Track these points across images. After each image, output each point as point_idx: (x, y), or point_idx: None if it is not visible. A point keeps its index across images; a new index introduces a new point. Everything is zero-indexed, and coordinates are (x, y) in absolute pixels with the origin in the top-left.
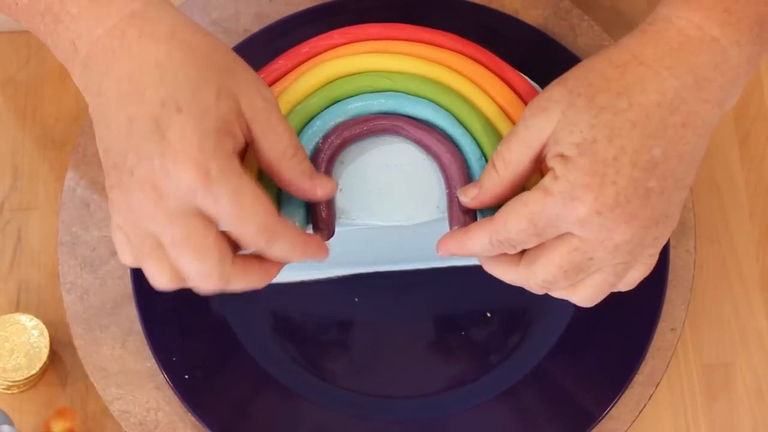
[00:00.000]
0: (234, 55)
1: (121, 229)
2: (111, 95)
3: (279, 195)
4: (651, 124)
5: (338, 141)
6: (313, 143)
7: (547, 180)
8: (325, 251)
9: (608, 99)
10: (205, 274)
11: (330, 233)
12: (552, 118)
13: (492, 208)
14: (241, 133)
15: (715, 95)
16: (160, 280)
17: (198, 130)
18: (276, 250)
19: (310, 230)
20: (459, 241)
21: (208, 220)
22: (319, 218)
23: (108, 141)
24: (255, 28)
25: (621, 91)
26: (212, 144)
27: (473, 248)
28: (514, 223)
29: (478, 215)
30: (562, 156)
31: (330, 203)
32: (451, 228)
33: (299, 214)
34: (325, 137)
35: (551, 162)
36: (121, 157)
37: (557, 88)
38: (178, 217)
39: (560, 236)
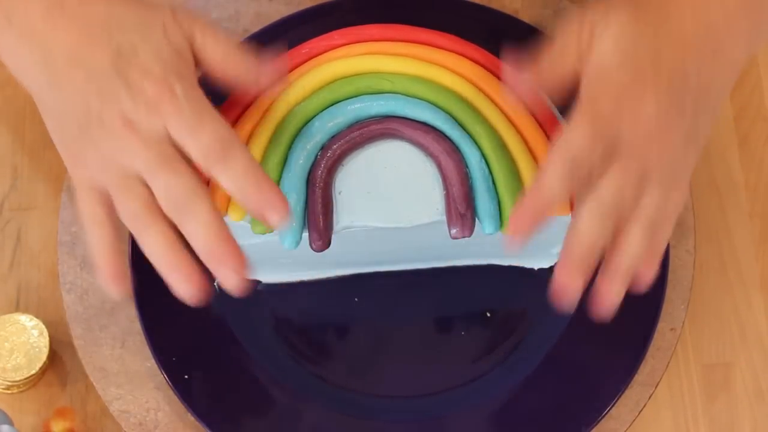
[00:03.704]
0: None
1: (88, 180)
2: (59, 60)
3: None
4: (686, 41)
5: (337, 152)
6: (311, 144)
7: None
8: (282, 204)
9: (646, 13)
10: (183, 187)
11: (326, 243)
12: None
13: (491, 213)
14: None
15: (744, 33)
16: (132, 206)
17: (158, 62)
18: (230, 170)
19: (305, 237)
20: (534, 194)
21: (179, 150)
22: (315, 228)
23: (63, 105)
24: (255, 28)
25: (660, 6)
26: (174, 70)
27: (551, 185)
28: (578, 134)
29: (478, 222)
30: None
31: (327, 214)
32: (450, 229)
33: (293, 198)
34: (323, 150)
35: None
36: (84, 112)
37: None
38: (152, 144)
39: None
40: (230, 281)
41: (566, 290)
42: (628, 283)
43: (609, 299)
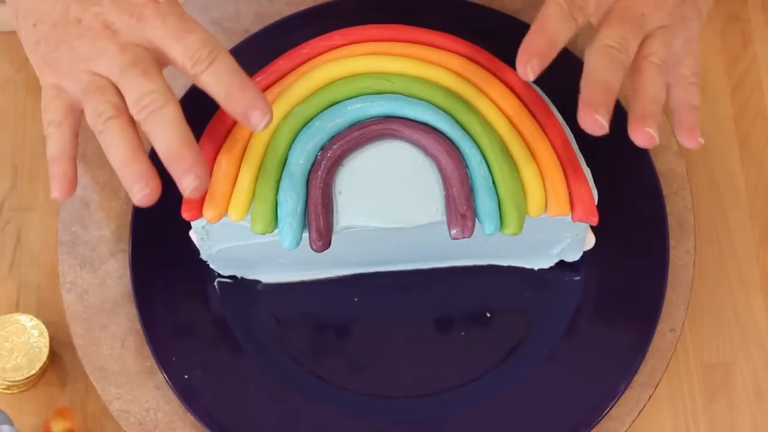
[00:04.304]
0: None
1: (57, 86)
2: None
3: (276, 192)
4: None
5: (337, 153)
6: (311, 144)
7: None
8: (263, 104)
9: None
10: (150, 90)
11: (326, 244)
12: None
13: (491, 213)
14: None
15: None
16: (100, 107)
17: None
18: (216, 72)
19: (305, 237)
20: (535, 27)
21: (154, 56)
22: (316, 228)
23: (41, 9)
24: (255, 28)
25: None
26: None
27: (549, 19)
28: None
29: (478, 223)
30: None
31: (328, 214)
32: (450, 229)
33: (293, 198)
34: (323, 150)
35: None
36: (63, 14)
37: None
38: (128, 48)
39: (614, 4)
40: (189, 185)
41: (594, 126)
42: (659, 120)
43: (646, 138)
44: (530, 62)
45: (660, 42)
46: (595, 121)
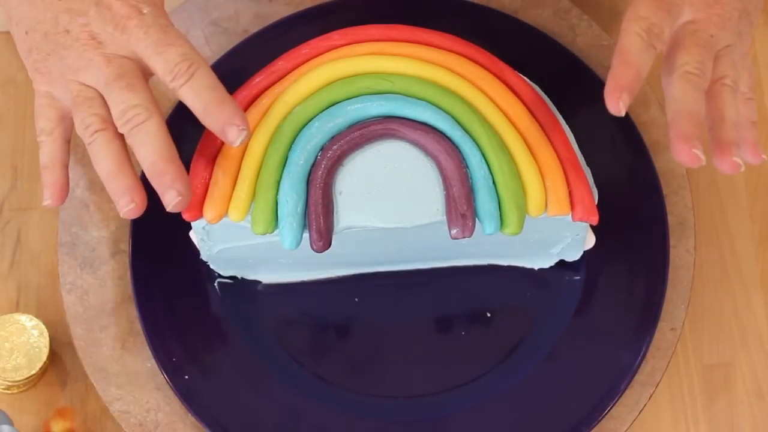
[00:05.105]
0: None
1: (49, 94)
2: None
3: (276, 193)
4: None
5: (337, 153)
6: (311, 144)
7: None
8: (240, 120)
9: None
10: (134, 104)
11: (327, 244)
12: None
13: (491, 213)
14: None
15: None
16: (88, 119)
17: None
18: (195, 87)
19: (305, 237)
20: (619, 60)
21: (140, 67)
22: (316, 228)
23: (32, 17)
24: (254, 28)
25: None
26: None
27: (632, 50)
28: (644, 7)
29: (478, 222)
30: None
31: (328, 214)
32: (450, 229)
33: (293, 199)
34: (323, 150)
35: None
36: (53, 23)
37: None
38: (113, 60)
39: (681, 28)
40: (171, 201)
41: (691, 160)
42: (739, 141)
43: (734, 166)
44: (621, 97)
45: (728, 63)
46: (693, 155)
